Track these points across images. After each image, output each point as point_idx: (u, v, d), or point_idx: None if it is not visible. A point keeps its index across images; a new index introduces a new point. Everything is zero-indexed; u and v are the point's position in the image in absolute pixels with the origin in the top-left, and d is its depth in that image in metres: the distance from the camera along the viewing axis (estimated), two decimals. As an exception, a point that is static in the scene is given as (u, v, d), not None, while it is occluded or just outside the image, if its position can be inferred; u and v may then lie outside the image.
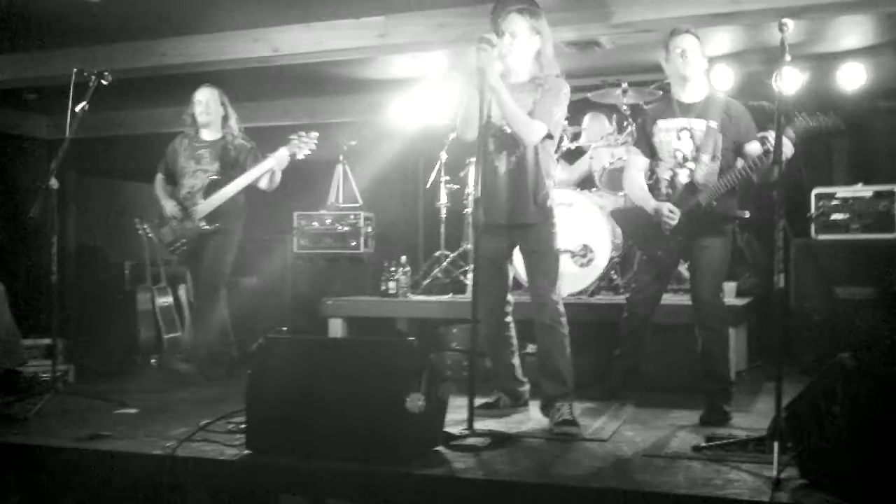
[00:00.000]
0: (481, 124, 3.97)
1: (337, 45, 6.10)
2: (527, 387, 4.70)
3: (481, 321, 4.40)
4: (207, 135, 5.71)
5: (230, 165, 5.61)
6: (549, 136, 4.29)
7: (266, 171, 5.47)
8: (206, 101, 5.67)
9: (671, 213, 4.35)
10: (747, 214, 4.53)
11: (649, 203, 4.44)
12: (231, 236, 5.70)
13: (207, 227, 5.53)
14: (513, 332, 4.60)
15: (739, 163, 4.34)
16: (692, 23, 5.49)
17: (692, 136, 4.38)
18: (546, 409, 4.32)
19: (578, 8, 5.49)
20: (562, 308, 4.36)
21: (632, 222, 4.74)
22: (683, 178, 4.40)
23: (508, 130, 4.25)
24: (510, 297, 4.57)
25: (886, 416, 2.91)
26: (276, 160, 5.45)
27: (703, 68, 4.48)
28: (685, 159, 4.40)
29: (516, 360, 4.64)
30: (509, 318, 4.57)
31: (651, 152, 4.52)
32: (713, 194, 4.30)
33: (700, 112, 4.39)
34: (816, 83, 6.58)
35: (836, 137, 5.24)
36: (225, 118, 5.71)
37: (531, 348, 4.82)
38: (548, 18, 4.47)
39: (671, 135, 4.43)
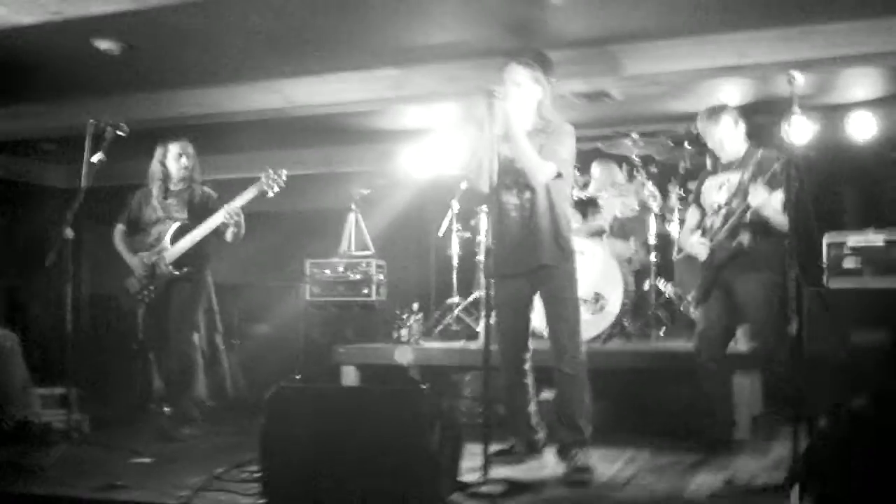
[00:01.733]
0: (492, 172, 4.02)
1: (351, 97, 6.19)
2: (542, 434, 4.67)
3: (500, 369, 4.41)
4: (174, 185, 5.64)
5: (198, 213, 5.54)
6: (560, 176, 4.34)
7: (234, 209, 5.35)
8: (185, 154, 5.61)
9: (692, 246, 4.82)
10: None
11: (687, 242, 4.91)
12: (200, 284, 5.64)
13: (176, 272, 5.45)
14: (530, 381, 4.58)
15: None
16: (700, 76, 5.61)
17: (728, 189, 4.71)
18: (562, 454, 4.33)
19: (588, 61, 5.57)
20: (583, 356, 4.37)
21: (679, 270, 5.26)
22: (717, 223, 4.72)
23: (519, 171, 4.29)
24: (530, 345, 4.55)
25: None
26: (243, 199, 5.36)
27: (740, 141, 4.81)
28: (720, 207, 4.73)
29: (532, 408, 4.62)
30: (527, 366, 4.55)
31: (701, 208, 4.92)
32: (726, 231, 4.62)
33: (737, 166, 4.73)
34: (827, 134, 6.63)
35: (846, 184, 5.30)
36: (192, 169, 5.66)
37: (545, 394, 4.80)
38: (558, 70, 4.58)
39: (713, 190, 4.81)
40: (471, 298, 6.55)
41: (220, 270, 5.99)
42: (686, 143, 6.59)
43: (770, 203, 4.41)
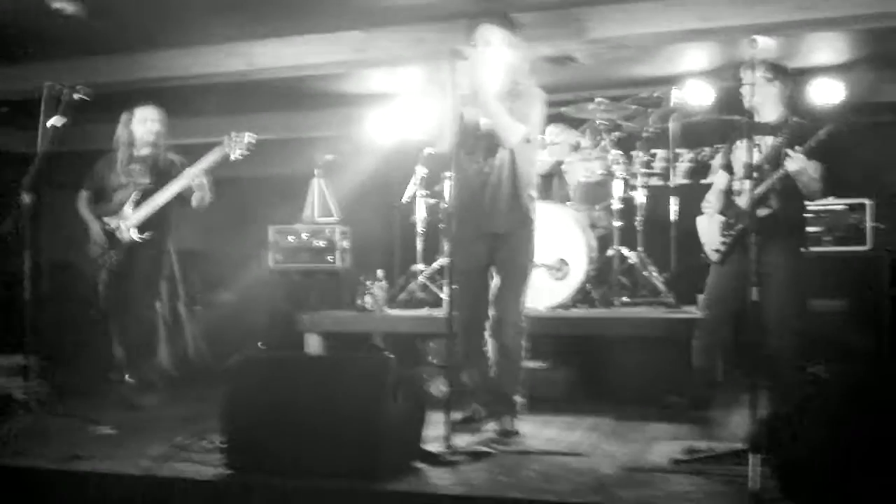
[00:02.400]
0: (454, 133, 3.99)
1: (314, 59, 6.11)
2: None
3: (458, 335, 4.41)
4: (139, 151, 5.54)
5: (161, 178, 5.45)
6: (528, 140, 4.31)
7: (197, 174, 5.28)
8: (151, 119, 5.51)
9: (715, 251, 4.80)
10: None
11: (710, 203, 4.93)
12: (162, 251, 5.56)
13: (138, 238, 5.37)
14: (491, 347, 4.56)
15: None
16: (664, 39, 5.58)
17: (761, 151, 4.62)
18: (492, 418, 4.43)
19: (553, 24, 5.53)
20: (523, 326, 4.39)
21: (701, 229, 5.03)
22: (746, 187, 4.64)
23: (483, 135, 4.26)
24: (490, 311, 4.52)
25: (860, 427, 2.94)
26: (206, 162, 5.29)
27: (773, 95, 4.73)
28: (751, 170, 4.47)
29: (492, 374, 4.59)
30: (487, 333, 4.53)
31: (729, 169, 4.87)
32: (755, 197, 4.41)
33: (771, 130, 4.67)
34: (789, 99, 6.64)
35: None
36: (159, 134, 5.55)
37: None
38: (523, 34, 4.52)
39: (743, 153, 4.61)
40: (435, 265, 6.53)
41: (181, 237, 5.92)
42: (651, 109, 6.59)
43: (807, 171, 4.45)
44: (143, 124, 5.51)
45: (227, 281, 6.96)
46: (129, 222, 5.39)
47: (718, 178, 4.99)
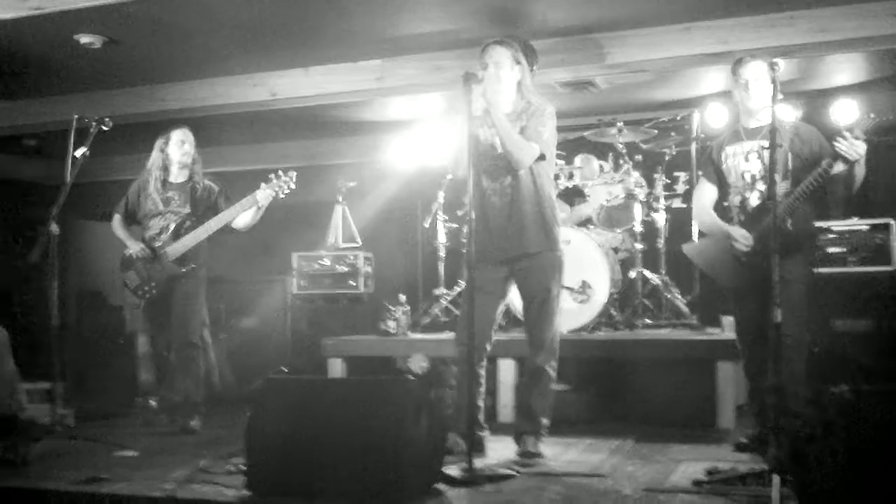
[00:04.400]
0: (471, 156, 4.00)
1: (335, 88, 6.19)
2: (487, 433, 4.54)
3: (457, 358, 4.41)
4: (175, 177, 5.56)
5: (201, 207, 5.51)
6: (543, 158, 4.31)
7: (249, 208, 5.34)
8: (188, 141, 5.53)
9: (744, 238, 4.23)
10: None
11: (722, 228, 4.35)
12: (202, 279, 5.57)
13: (180, 269, 5.40)
14: (483, 372, 4.47)
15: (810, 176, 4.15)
16: (685, 63, 5.60)
17: (761, 157, 4.28)
18: (516, 439, 4.37)
19: (572, 49, 5.57)
20: (557, 350, 4.36)
21: (704, 256, 4.60)
22: (754, 200, 4.31)
23: (500, 156, 4.26)
24: (492, 335, 4.46)
25: (884, 449, 2.91)
26: (261, 199, 5.32)
27: (770, 96, 4.15)
28: (755, 180, 4.32)
29: (482, 402, 4.49)
30: (484, 359, 4.45)
31: (719, 180, 4.46)
32: (787, 210, 4.10)
33: (768, 134, 4.11)
34: (810, 119, 6.64)
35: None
36: (194, 161, 5.58)
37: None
38: (542, 59, 4.56)
39: (739, 158, 4.36)
40: (457, 289, 6.55)
41: (207, 264, 5.98)
42: (672, 132, 6.60)
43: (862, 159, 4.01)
44: (180, 147, 5.51)
45: (252, 307, 7.01)
46: (170, 252, 5.40)
47: (704, 191, 4.51)
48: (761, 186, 4.28)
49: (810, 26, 5.20)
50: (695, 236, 6.26)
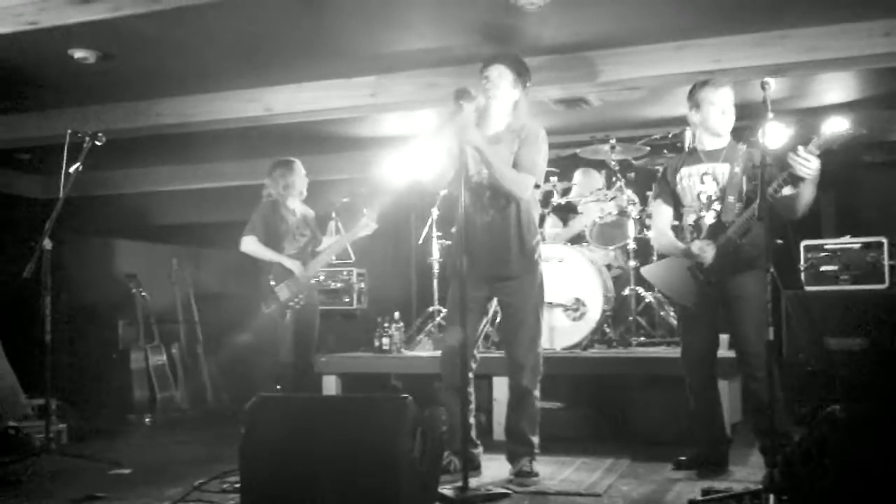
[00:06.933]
0: (463, 178, 4.00)
1: (329, 104, 6.19)
2: (480, 449, 4.56)
3: (443, 378, 4.44)
4: (290, 203, 5.85)
5: (313, 230, 5.93)
6: (537, 186, 4.37)
7: (364, 231, 5.83)
8: (304, 174, 5.90)
9: (702, 250, 4.22)
10: (780, 241, 4.50)
11: (679, 247, 4.37)
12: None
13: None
14: (472, 389, 4.45)
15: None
16: (677, 81, 5.63)
17: (715, 179, 4.33)
18: (511, 461, 4.39)
19: (566, 67, 5.59)
20: (540, 369, 4.36)
21: (663, 277, 4.61)
22: (709, 219, 4.31)
23: (486, 183, 4.29)
24: (476, 353, 4.49)
25: (877, 468, 2.92)
26: (369, 228, 5.85)
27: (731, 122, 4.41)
28: (710, 200, 4.33)
29: (472, 420, 4.47)
30: (471, 375, 4.43)
31: (675, 201, 4.49)
32: (740, 228, 4.18)
33: (724, 158, 4.34)
34: (801, 138, 6.66)
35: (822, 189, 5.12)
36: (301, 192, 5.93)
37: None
38: (535, 77, 4.58)
39: (694, 180, 4.39)
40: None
41: (200, 281, 5.97)
42: (664, 150, 6.63)
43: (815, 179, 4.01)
44: (303, 178, 5.88)
45: (245, 323, 6.99)
46: (309, 273, 5.72)
47: (661, 213, 4.53)
48: (717, 206, 4.30)
49: (801, 45, 5.22)
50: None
